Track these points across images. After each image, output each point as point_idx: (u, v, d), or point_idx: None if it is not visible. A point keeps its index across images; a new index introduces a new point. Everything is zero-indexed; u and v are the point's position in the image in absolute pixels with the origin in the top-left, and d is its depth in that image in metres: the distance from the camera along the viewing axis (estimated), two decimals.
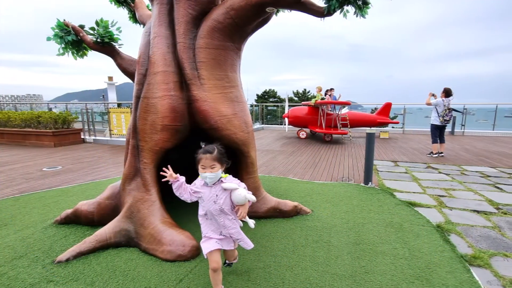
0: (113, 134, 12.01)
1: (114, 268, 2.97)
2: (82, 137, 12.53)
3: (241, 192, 2.36)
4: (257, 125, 18.45)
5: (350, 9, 3.44)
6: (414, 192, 5.36)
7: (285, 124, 15.01)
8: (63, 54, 4.30)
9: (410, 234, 3.66)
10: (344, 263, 3.02)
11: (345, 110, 13.57)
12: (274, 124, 19.64)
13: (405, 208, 4.51)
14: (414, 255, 3.19)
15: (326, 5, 3.42)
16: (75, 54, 4.39)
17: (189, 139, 3.75)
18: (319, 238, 3.56)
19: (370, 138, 5.72)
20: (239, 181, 2.49)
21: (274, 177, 6.40)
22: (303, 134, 13.67)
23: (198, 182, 2.46)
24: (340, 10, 3.42)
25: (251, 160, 3.99)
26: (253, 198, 2.39)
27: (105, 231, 3.37)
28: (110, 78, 20.31)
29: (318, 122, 12.87)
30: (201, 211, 2.48)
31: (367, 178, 5.75)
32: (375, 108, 15.44)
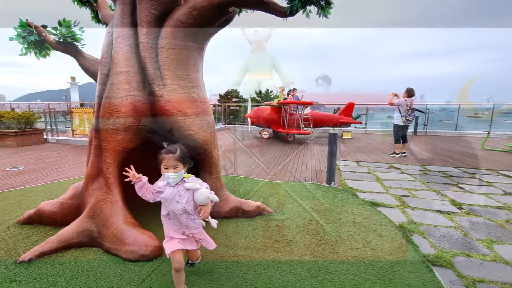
0: (75, 134, 11.74)
1: (77, 268, 2.94)
2: (45, 137, 12.19)
3: (204, 192, 2.37)
4: (220, 125, 18.28)
5: (312, 9, 3.48)
6: (376, 192, 5.40)
7: (247, 124, 14.92)
8: (25, 54, 4.30)
9: (373, 234, 3.68)
10: (306, 263, 3.04)
11: (307, 110, 13.60)
12: (237, 124, 19.54)
13: (367, 208, 4.55)
14: (376, 255, 3.20)
15: (289, 5, 3.47)
16: (37, 54, 4.39)
17: (152, 139, 3.73)
18: (282, 238, 3.58)
19: (333, 138, 5.74)
20: (201, 181, 2.51)
21: (236, 177, 6.40)
22: (265, 134, 13.65)
23: (160, 182, 2.47)
24: (302, 10, 3.47)
25: (213, 160, 4.00)
26: (215, 198, 2.41)
27: (67, 231, 3.32)
28: (73, 78, 19.80)
29: (281, 122, 12.88)
30: (163, 211, 2.48)
31: (330, 178, 5.77)
32: (338, 108, 15.68)
